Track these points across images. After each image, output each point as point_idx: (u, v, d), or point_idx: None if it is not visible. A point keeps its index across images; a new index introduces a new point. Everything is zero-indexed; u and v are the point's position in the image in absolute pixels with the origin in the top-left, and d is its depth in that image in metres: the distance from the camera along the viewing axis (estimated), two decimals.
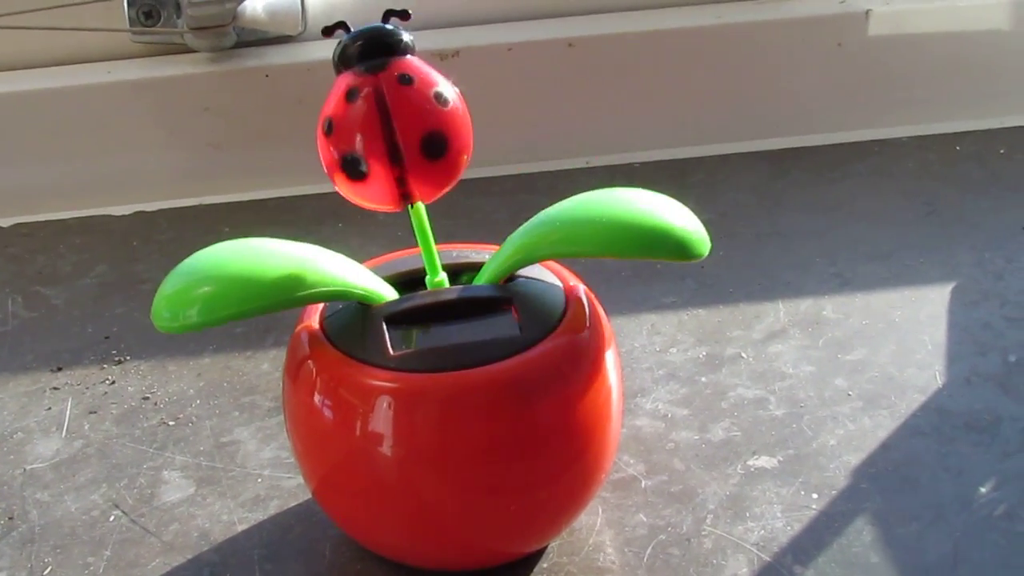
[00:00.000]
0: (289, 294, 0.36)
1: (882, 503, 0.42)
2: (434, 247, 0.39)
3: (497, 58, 0.67)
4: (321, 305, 0.39)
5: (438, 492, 0.37)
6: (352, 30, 0.38)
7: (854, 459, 0.44)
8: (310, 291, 0.36)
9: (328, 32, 0.39)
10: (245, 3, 0.65)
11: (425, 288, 0.39)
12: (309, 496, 0.43)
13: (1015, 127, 0.69)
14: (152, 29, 0.66)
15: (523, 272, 0.39)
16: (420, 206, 0.39)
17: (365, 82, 0.37)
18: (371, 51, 0.38)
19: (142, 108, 0.66)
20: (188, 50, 0.67)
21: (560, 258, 0.39)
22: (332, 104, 0.38)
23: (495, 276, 0.39)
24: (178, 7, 0.65)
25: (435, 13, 0.68)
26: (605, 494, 0.43)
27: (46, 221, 0.66)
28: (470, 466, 0.36)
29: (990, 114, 0.70)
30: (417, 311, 0.38)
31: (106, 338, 0.54)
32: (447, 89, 0.38)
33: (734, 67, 0.69)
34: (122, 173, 0.67)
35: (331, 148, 0.38)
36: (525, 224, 0.38)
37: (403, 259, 0.41)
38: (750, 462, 0.44)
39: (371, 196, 0.38)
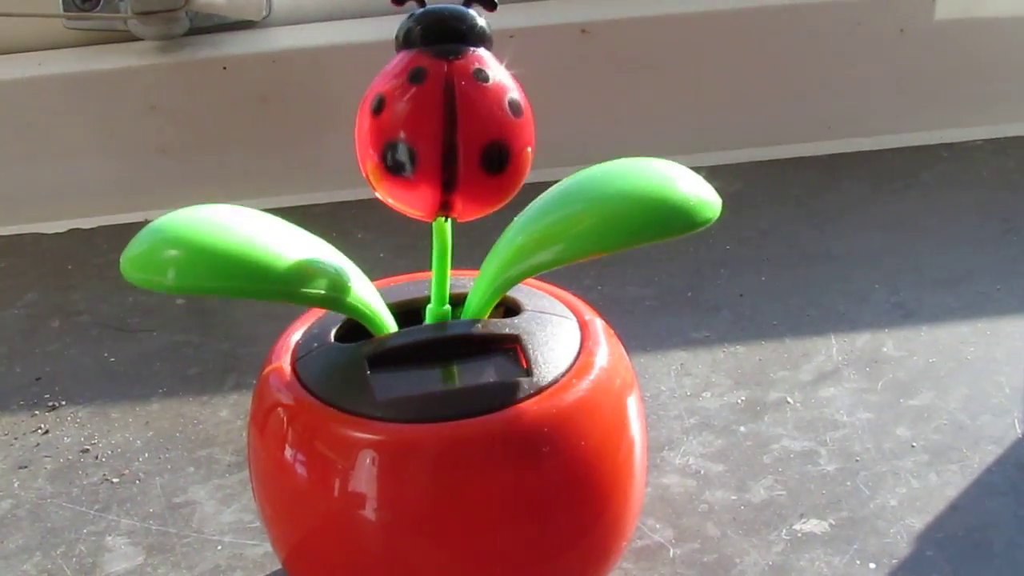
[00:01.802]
0: (285, 287, 0.36)
1: (951, 574, 0.42)
2: (449, 273, 0.40)
3: (499, 45, 0.67)
4: (293, 342, 0.40)
5: (431, 563, 0.37)
6: (427, 4, 0.38)
7: (918, 523, 0.44)
8: (301, 288, 0.37)
9: (399, 1, 0.38)
10: None
11: (421, 321, 0.40)
12: (278, 567, 0.44)
13: None
14: (90, 14, 0.66)
15: (531, 305, 0.40)
16: (448, 223, 0.39)
17: (436, 66, 0.37)
18: (449, 33, 0.37)
19: (78, 106, 0.67)
20: (132, 38, 0.67)
21: (549, 269, 0.39)
22: (388, 80, 0.37)
23: (480, 307, 0.39)
24: None
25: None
26: (627, 564, 0.43)
27: None
28: (468, 533, 0.37)
29: None
30: (407, 350, 0.38)
31: (38, 379, 0.55)
32: (520, 97, 0.38)
33: (776, 57, 0.69)
34: (55, 183, 0.67)
35: (376, 130, 0.37)
36: (498, 241, 0.39)
37: (400, 286, 0.42)
38: (796, 526, 0.45)
39: (406, 197, 0.38)
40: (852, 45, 0.69)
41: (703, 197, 0.37)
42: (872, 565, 0.43)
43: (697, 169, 0.63)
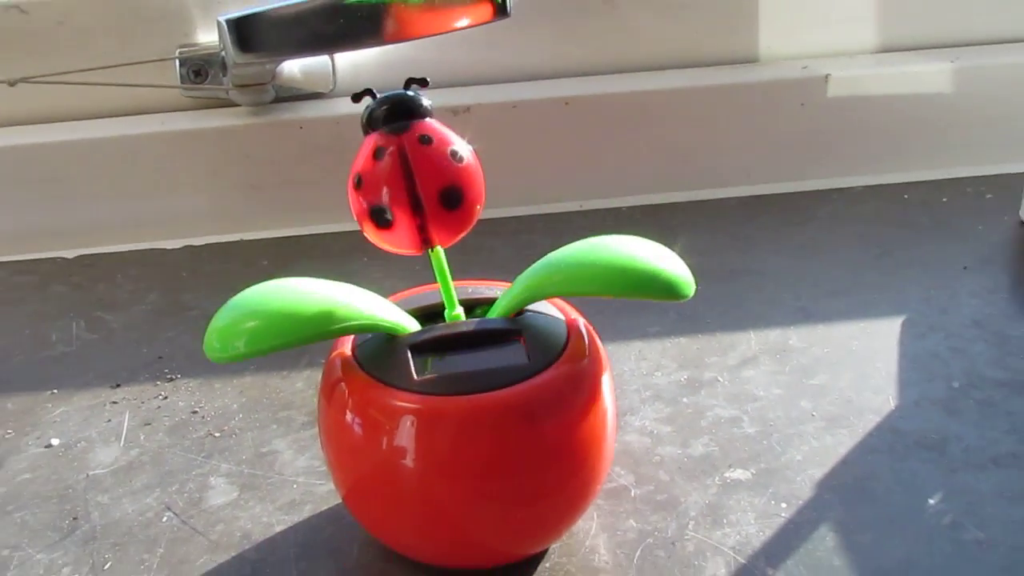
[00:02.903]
0: (325, 328, 0.36)
1: (843, 512, 0.42)
2: (452, 285, 0.39)
3: (503, 113, 0.67)
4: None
5: (453, 500, 0.37)
6: (378, 96, 0.39)
7: (818, 473, 0.44)
8: (343, 325, 0.36)
9: (357, 98, 0.39)
10: (283, 64, 0.65)
11: (443, 321, 0.39)
12: (339, 501, 0.43)
13: (956, 178, 0.69)
14: (200, 86, 0.66)
15: (530, 307, 0.39)
16: (439, 250, 0.39)
17: (390, 142, 0.38)
18: (395, 115, 0.38)
19: (191, 155, 0.66)
20: (232, 104, 0.67)
21: (563, 296, 0.39)
22: (361, 161, 0.38)
23: (506, 311, 0.39)
24: (224, 67, 0.65)
25: (450, 74, 0.68)
26: (600, 502, 0.43)
27: (106, 253, 0.66)
28: (481, 478, 0.36)
29: (934, 166, 0.70)
30: (437, 341, 0.38)
31: (159, 358, 0.54)
32: (462, 147, 0.39)
33: (710, 123, 0.69)
34: (173, 212, 0.67)
35: (360, 200, 0.38)
36: (532, 266, 0.38)
37: (423, 294, 0.41)
38: (727, 474, 0.44)
39: (396, 242, 0.39)
40: (766, 114, 0.69)
41: (685, 279, 0.37)
42: (784, 505, 0.42)
43: (655, 206, 0.63)
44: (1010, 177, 0.69)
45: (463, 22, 0.61)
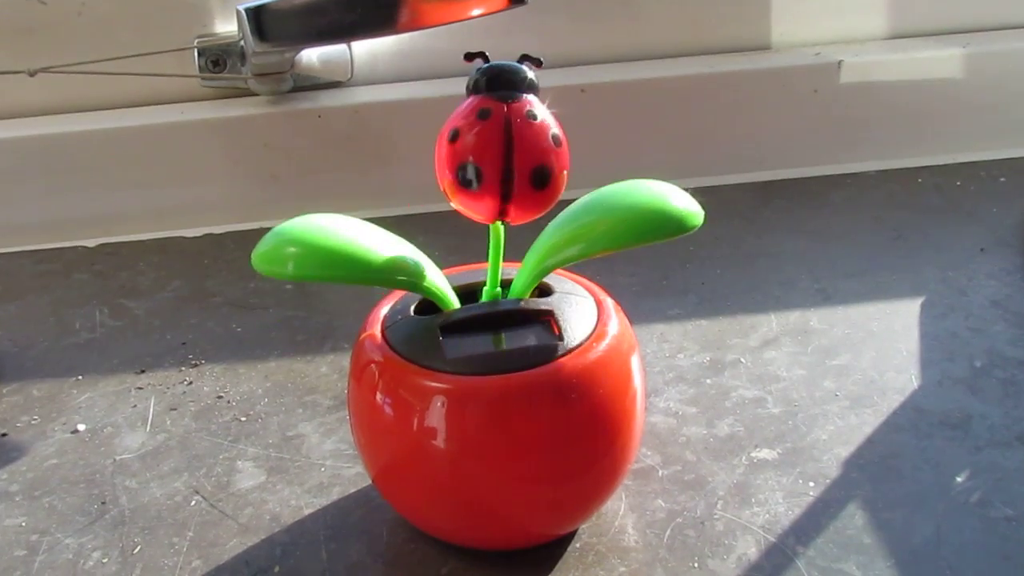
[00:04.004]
0: (375, 274, 0.36)
1: (871, 491, 0.41)
2: (501, 263, 0.38)
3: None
4: (382, 315, 0.39)
5: (485, 481, 0.36)
6: (491, 61, 0.37)
7: (844, 451, 0.43)
8: (389, 276, 0.36)
9: (470, 58, 0.37)
10: (301, 53, 0.65)
11: (478, 299, 0.39)
12: (367, 483, 0.43)
13: (968, 162, 0.68)
14: (219, 75, 0.65)
15: (560, 288, 0.39)
16: (502, 225, 0.38)
17: (498, 107, 0.36)
18: (508, 82, 0.37)
19: (211, 144, 0.65)
20: (251, 93, 0.66)
21: (572, 263, 0.38)
22: (461, 117, 0.36)
23: (523, 290, 0.38)
24: (242, 56, 0.65)
25: (472, 65, 0.67)
26: (628, 482, 0.42)
27: (128, 242, 0.65)
28: (513, 458, 0.36)
29: (947, 150, 0.69)
30: (469, 321, 0.37)
31: (183, 344, 0.54)
32: (560, 133, 0.37)
33: (724, 110, 0.68)
34: (194, 200, 0.66)
35: (452, 154, 0.36)
36: (536, 240, 0.38)
37: (461, 274, 0.40)
38: (753, 454, 0.43)
39: (472, 206, 0.37)
40: (780, 101, 0.68)
41: (691, 209, 0.36)
42: (811, 483, 0.42)
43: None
44: (1023, 160, 0.68)
45: (479, 10, 0.60)
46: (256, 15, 0.59)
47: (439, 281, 0.37)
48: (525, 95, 0.36)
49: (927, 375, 0.47)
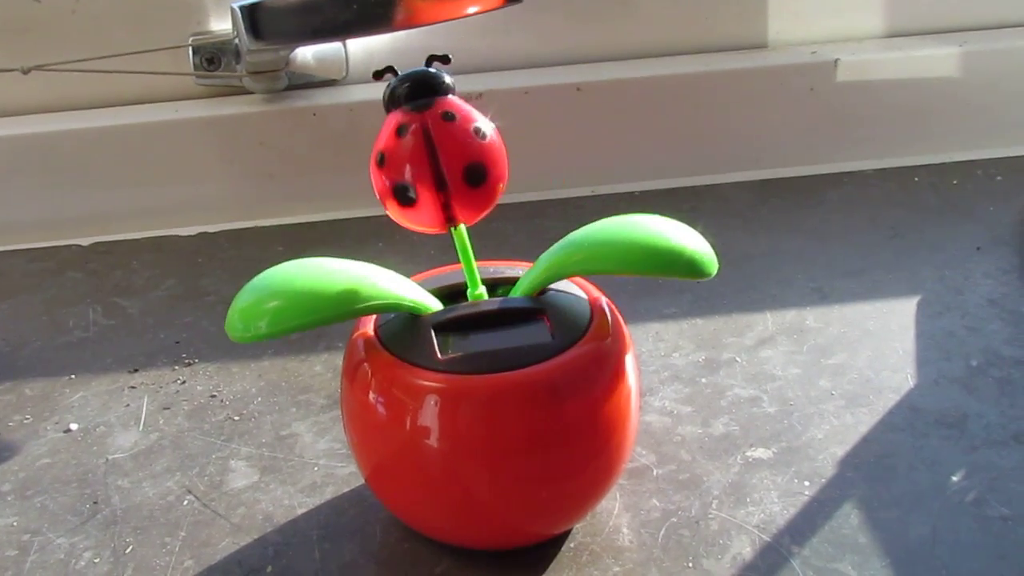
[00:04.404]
0: (348, 307, 0.34)
1: (866, 490, 0.41)
2: (475, 264, 0.38)
3: (516, 99, 0.66)
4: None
5: (478, 480, 0.36)
6: (400, 74, 0.38)
7: (839, 451, 0.43)
8: (366, 304, 0.35)
9: (379, 75, 0.38)
10: (296, 51, 0.64)
11: (466, 300, 0.38)
12: (361, 483, 0.42)
13: (965, 161, 0.68)
14: (214, 73, 0.65)
15: (553, 286, 0.38)
16: (463, 228, 0.38)
17: (413, 119, 0.37)
18: (418, 92, 0.37)
19: (206, 142, 0.65)
20: (245, 92, 0.66)
21: (585, 275, 0.38)
22: (384, 139, 0.37)
23: (529, 289, 0.38)
24: (237, 54, 0.64)
25: (463, 61, 0.67)
26: (622, 482, 0.42)
27: (121, 240, 0.65)
28: (507, 457, 0.35)
29: (943, 149, 0.69)
30: (461, 320, 0.37)
31: (176, 343, 0.53)
32: (485, 124, 0.38)
33: (720, 108, 0.68)
34: (188, 198, 0.66)
35: (383, 178, 0.37)
36: (554, 245, 0.37)
37: (445, 275, 0.40)
38: (748, 453, 0.43)
39: (420, 220, 0.37)
40: (776, 100, 0.68)
41: (708, 257, 0.36)
42: (807, 483, 0.41)
43: (666, 190, 0.62)
44: (1020, 159, 0.67)
45: (475, 8, 0.60)
46: (251, 13, 0.58)
47: (411, 293, 0.37)
48: (441, 98, 0.36)
49: (923, 374, 0.47)
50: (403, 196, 0.37)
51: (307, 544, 0.40)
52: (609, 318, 0.38)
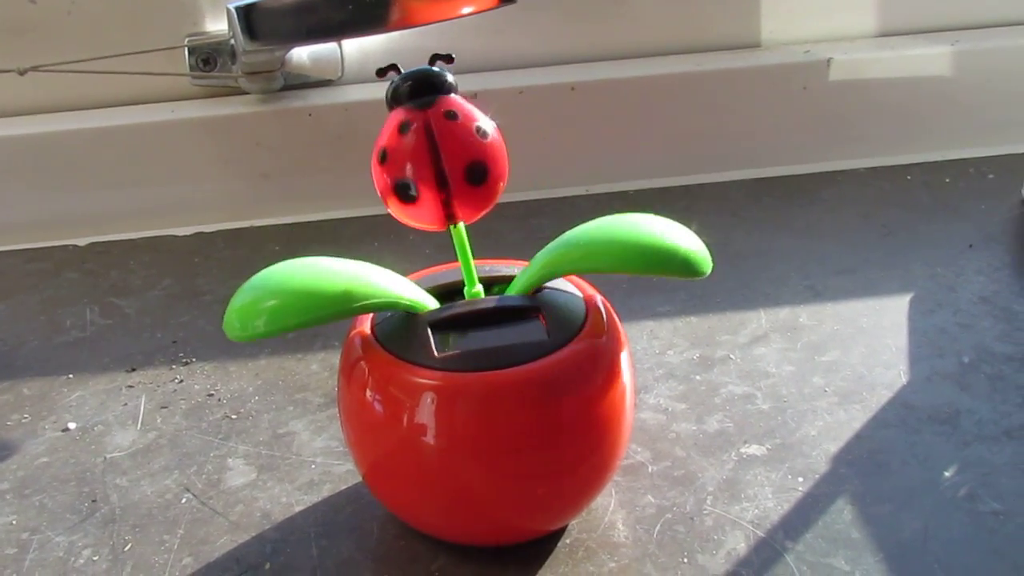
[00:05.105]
0: (345, 306, 0.35)
1: (859, 486, 0.41)
2: (472, 262, 0.38)
3: (510, 99, 0.66)
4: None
5: (474, 477, 0.36)
6: (403, 72, 0.38)
7: (833, 447, 0.43)
8: (363, 303, 0.35)
9: (382, 73, 0.38)
10: (292, 51, 0.64)
11: (462, 298, 0.39)
12: (358, 480, 0.43)
13: (957, 159, 0.68)
14: (210, 74, 0.65)
15: (549, 284, 0.39)
16: (461, 226, 0.38)
17: (416, 117, 0.37)
18: (420, 90, 0.37)
19: (202, 143, 0.65)
20: (241, 92, 0.66)
21: (581, 273, 0.38)
22: (386, 136, 0.37)
23: (525, 288, 0.38)
24: (233, 55, 0.64)
25: (457, 61, 0.67)
26: (617, 478, 0.42)
27: (118, 240, 0.65)
28: (503, 454, 0.36)
29: (936, 148, 0.69)
30: (457, 318, 0.37)
31: (173, 342, 0.54)
32: (486, 123, 0.38)
33: (713, 107, 0.68)
34: (184, 199, 0.66)
35: (385, 175, 0.37)
36: (550, 244, 0.37)
37: (440, 273, 0.40)
38: (742, 450, 0.43)
39: (420, 217, 0.37)
40: (769, 98, 0.68)
41: (703, 256, 0.36)
42: (800, 479, 0.42)
43: (660, 189, 0.62)
44: (1012, 157, 0.68)
45: (469, 8, 0.60)
46: (246, 13, 0.58)
47: (408, 292, 0.37)
48: (443, 96, 0.36)
49: (915, 371, 0.48)
50: (404, 193, 0.37)
51: (305, 541, 0.40)
52: (604, 316, 0.38)
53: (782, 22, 0.70)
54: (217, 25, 0.65)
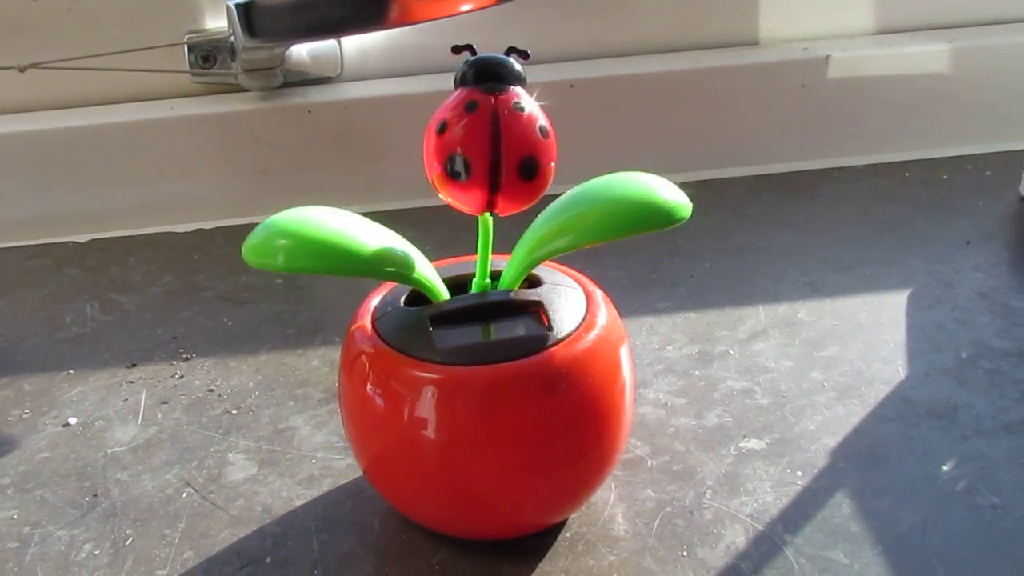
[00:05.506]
0: (376, 269, 0.36)
1: (858, 480, 0.41)
2: (490, 255, 0.38)
3: None
4: (372, 306, 0.39)
5: (474, 471, 0.36)
6: (478, 54, 0.37)
7: (831, 441, 0.43)
8: (380, 268, 0.36)
9: (457, 50, 0.37)
10: (291, 48, 0.65)
11: (468, 291, 0.39)
12: (358, 475, 0.43)
13: (955, 156, 0.69)
14: (209, 71, 0.65)
15: (548, 279, 0.39)
16: (490, 217, 0.38)
17: (485, 99, 0.36)
18: (495, 75, 0.37)
19: (201, 140, 0.65)
20: (241, 89, 0.66)
21: (566, 251, 0.38)
22: (449, 109, 0.36)
23: (514, 278, 0.38)
24: (232, 52, 0.65)
25: (455, 57, 0.67)
26: (617, 472, 0.42)
27: (118, 237, 0.65)
28: (503, 448, 0.36)
29: (934, 145, 0.70)
30: (458, 312, 0.37)
31: (174, 338, 0.54)
32: (547, 124, 0.37)
33: (712, 105, 0.68)
34: (184, 195, 0.66)
35: (440, 147, 0.36)
36: (528, 228, 0.38)
37: (443, 267, 0.40)
38: (741, 444, 0.44)
39: (461, 197, 0.37)
40: (768, 96, 0.68)
41: (679, 201, 0.36)
42: (799, 473, 0.42)
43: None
44: (1009, 154, 0.68)
45: (468, 6, 0.60)
46: (246, 11, 0.58)
47: (429, 273, 0.38)
48: (512, 87, 0.36)
49: (914, 366, 0.48)
50: (454, 169, 0.36)
51: (305, 535, 0.40)
52: (604, 310, 0.38)
53: (780, 20, 0.70)
54: (217, 22, 0.65)
